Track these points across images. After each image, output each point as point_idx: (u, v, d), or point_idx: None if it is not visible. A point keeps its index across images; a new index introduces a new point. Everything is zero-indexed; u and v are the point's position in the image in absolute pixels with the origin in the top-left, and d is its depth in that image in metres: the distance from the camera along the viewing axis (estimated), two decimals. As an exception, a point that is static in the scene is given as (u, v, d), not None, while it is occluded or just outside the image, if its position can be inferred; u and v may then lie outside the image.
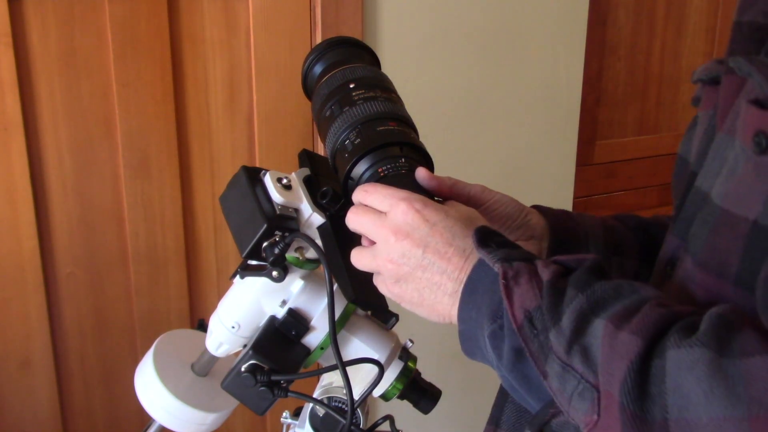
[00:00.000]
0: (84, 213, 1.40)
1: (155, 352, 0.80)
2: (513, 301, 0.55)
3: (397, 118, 0.71)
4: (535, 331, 0.54)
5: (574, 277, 0.55)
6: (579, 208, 1.98)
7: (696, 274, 0.56)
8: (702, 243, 0.56)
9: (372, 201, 0.65)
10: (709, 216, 0.55)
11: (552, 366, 0.53)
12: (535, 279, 0.56)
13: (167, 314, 1.51)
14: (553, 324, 0.53)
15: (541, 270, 0.56)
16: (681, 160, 0.69)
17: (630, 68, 2.00)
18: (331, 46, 0.80)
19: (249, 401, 0.71)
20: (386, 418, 0.82)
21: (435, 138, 1.65)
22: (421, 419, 0.86)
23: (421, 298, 0.63)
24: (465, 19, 1.65)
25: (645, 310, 0.50)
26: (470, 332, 0.60)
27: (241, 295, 0.74)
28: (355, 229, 0.67)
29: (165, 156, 1.43)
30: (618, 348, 0.49)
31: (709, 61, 0.64)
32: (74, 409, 1.48)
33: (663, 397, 0.46)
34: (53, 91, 1.33)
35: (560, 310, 0.53)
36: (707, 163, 0.59)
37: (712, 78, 0.61)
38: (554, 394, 0.53)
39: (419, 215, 0.62)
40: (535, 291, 0.55)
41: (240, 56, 1.47)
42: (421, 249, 0.62)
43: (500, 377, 0.60)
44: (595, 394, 0.50)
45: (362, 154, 0.68)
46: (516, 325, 0.55)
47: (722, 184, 0.55)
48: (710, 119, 0.61)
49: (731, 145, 0.54)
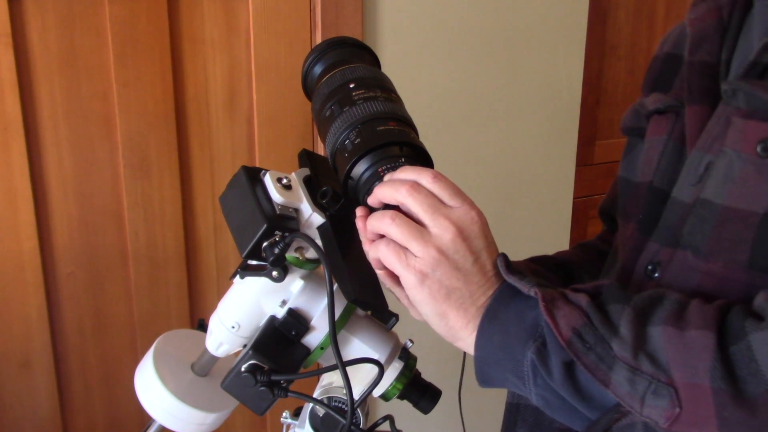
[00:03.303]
0: (84, 213, 1.40)
1: (155, 352, 0.80)
2: (557, 321, 0.60)
3: (397, 118, 0.71)
4: (587, 344, 0.59)
5: (610, 295, 0.62)
6: (579, 208, 1.98)
7: (700, 264, 0.64)
8: (705, 237, 0.63)
9: (441, 189, 0.65)
10: (708, 215, 0.63)
11: (619, 373, 0.58)
12: (571, 302, 0.62)
13: (167, 314, 1.51)
14: (611, 336, 0.59)
15: (571, 295, 0.63)
16: (625, 181, 0.81)
17: (630, 68, 2.00)
18: (331, 46, 0.80)
19: (249, 401, 0.71)
20: (386, 418, 0.82)
21: (435, 138, 1.65)
22: (421, 419, 0.86)
23: (447, 298, 0.64)
24: (465, 19, 1.65)
25: (695, 309, 0.58)
26: (492, 357, 0.64)
27: (241, 295, 0.74)
28: (404, 202, 0.65)
29: (165, 156, 1.43)
30: (692, 345, 0.56)
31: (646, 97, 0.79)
32: (74, 409, 1.48)
33: (756, 373, 0.54)
34: (53, 91, 1.33)
35: (613, 323, 0.60)
36: (682, 177, 0.69)
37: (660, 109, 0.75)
38: (621, 398, 0.59)
39: (485, 229, 0.66)
40: (578, 311, 0.61)
41: (240, 56, 1.47)
42: (472, 258, 0.64)
43: (535, 397, 0.64)
44: (672, 390, 0.56)
45: (362, 154, 0.68)
46: (564, 342, 0.60)
47: (718, 187, 0.63)
48: (665, 143, 0.73)
49: (721, 156, 0.63)
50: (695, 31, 0.74)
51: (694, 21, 0.75)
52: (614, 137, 2.03)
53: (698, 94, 0.70)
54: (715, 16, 0.73)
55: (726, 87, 0.65)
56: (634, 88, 2.01)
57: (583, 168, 1.96)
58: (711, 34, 0.72)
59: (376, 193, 0.67)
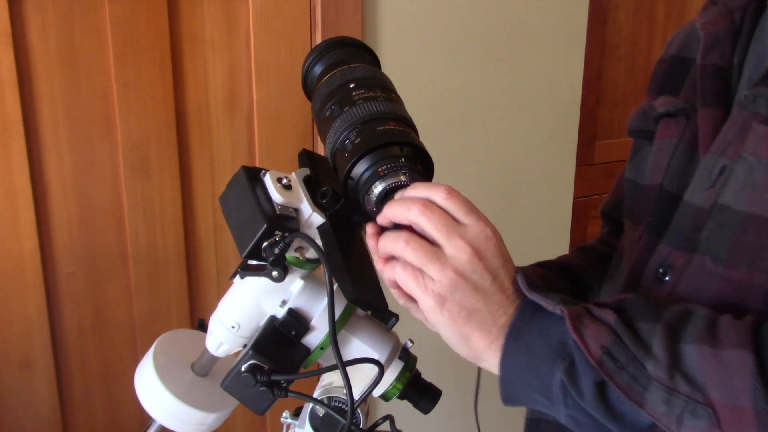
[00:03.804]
0: (84, 213, 1.39)
1: (155, 352, 0.80)
2: (585, 340, 0.59)
3: (397, 118, 0.71)
4: (619, 364, 0.58)
5: (637, 310, 0.61)
6: (579, 208, 1.98)
7: (720, 270, 0.63)
8: (725, 243, 0.63)
9: (454, 206, 0.64)
10: (728, 221, 0.63)
11: (654, 393, 0.57)
12: (597, 319, 0.60)
13: (167, 314, 1.51)
14: (644, 355, 0.58)
15: (596, 311, 0.61)
16: (633, 183, 0.80)
17: (630, 68, 2.00)
18: (331, 46, 0.80)
19: (249, 401, 0.71)
20: (386, 418, 0.82)
21: (435, 138, 1.65)
22: (421, 419, 0.86)
23: (468, 320, 0.63)
24: (465, 19, 1.65)
25: (727, 327, 0.58)
26: (518, 376, 0.63)
27: (241, 295, 0.74)
28: (417, 221, 0.63)
29: (165, 156, 1.43)
30: (730, 365, 0.55)
31: (655, 100, 0.78)
32: (74, 409, 1.48)
33: None
34: (53, 91, 1.33)
35: (644, 341, 0.58)
36: (695, 180, 0.68)
37: (671, 112, 0.74)
38: (657, 418, 0.58)
39: (501, 246, 0.64)
40: (605, 328, 0.59)
41: (240, 56, 1.47)
42: (491, 277, 0.63)
43: (565, 417, 0.63)
44: (710, 410, 0.56)
45: (362, 154, 0.68)
46: (594, 361, 0.58)
47: (738, 193, 0.63)
48: (675, 146, 0.73)
49: (740, 162, 0.63)
50: (708, 35, 0.74)
51: (706, 24, 0.75)
52: (614, 137, 2.03)
53: (711, 98, 0.70)
54: (727, 20, 0.73)
55: (747, 93, 0.65)
56: (634, 88, 2.01)
57: (583, 168, 1.96)
58: (723, 38, 0.72)
59: (387, 213, 0.65)
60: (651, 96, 0.83)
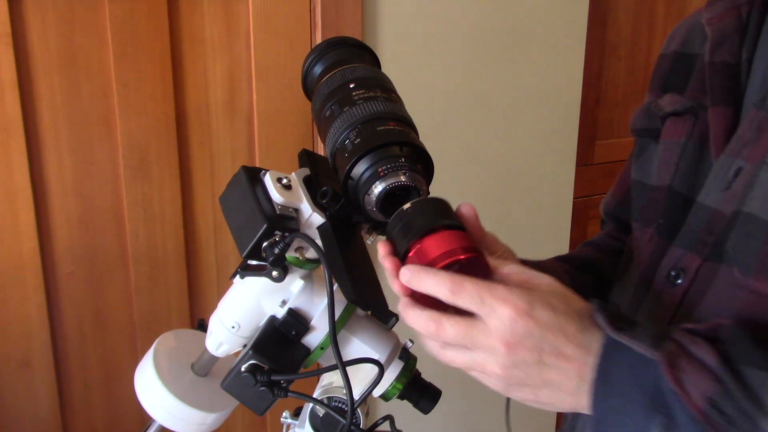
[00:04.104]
0: (84, 213, 1.39)
1: (155, 352, 0.80)
2: (687, 389, 0.54)
3: (397, 118, 0.71)
4: (728, 418, 0.53)
5: (738, 350, 0.55)
6: (579, 208, 1.98)
7: (749, 282, 0.60)
8: (753, 254, 0.60)
9: (462, 300, 0.58)
10: (755, 230, 0.60)
11: None
12: (695, 358, 0.55)
13: (167, 314, 1.51)
14: (757, 410, 0.52)
15: (693, 348, 0.56)
16: (639, 184, 0.78)
17: (630, 68, 2.00)
18: (331, 46, 0.80)
19: (249, 401, 0.71)
20: (386, 418, 0.82)
21: (435, 138, 1.65)
22: (421, 419, 0.85)
23: (536, 397, 0.60)
24: (465, 19, 1.65)
25: None
26: (615, 420, 0.58)
27: (241, 295, 0.74)
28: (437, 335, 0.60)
29: (165, 156, 1.43)
30: None
31: (661, 98, 0.76)
32: (74, 409, 1.48)
33: None
34: (53, 91, 1.33)
35: (754, 393, 0.53)
36: (709, 181, 0.67)
37: (678, 111, 0.72)
38: None
39: (530, 320, 0.57)
40: (707, 374, 0.54)
41: (240, 56, 1.47)
42: (537, 354, 0.57)
43: None
44: None
45: (362, 154, 0.68)
46: (699, 414, 0.53)
47: (764, 201, 0.59)
48: (684, 146, 0.71)
49: (764, 168, 0.60)
50: (715, 31, 0.72)
51: (712, 20, 0.73)
52: (614, 137, 2.03)
53: (720, 96, 0.69)
54: (734, 15, 0.71)
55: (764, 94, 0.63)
56: (634, 88, 2.01)
57: (583, 168, 1.96)
58: (730, 34, 0.70)
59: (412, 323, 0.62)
60: (653, 93, 0.81)
